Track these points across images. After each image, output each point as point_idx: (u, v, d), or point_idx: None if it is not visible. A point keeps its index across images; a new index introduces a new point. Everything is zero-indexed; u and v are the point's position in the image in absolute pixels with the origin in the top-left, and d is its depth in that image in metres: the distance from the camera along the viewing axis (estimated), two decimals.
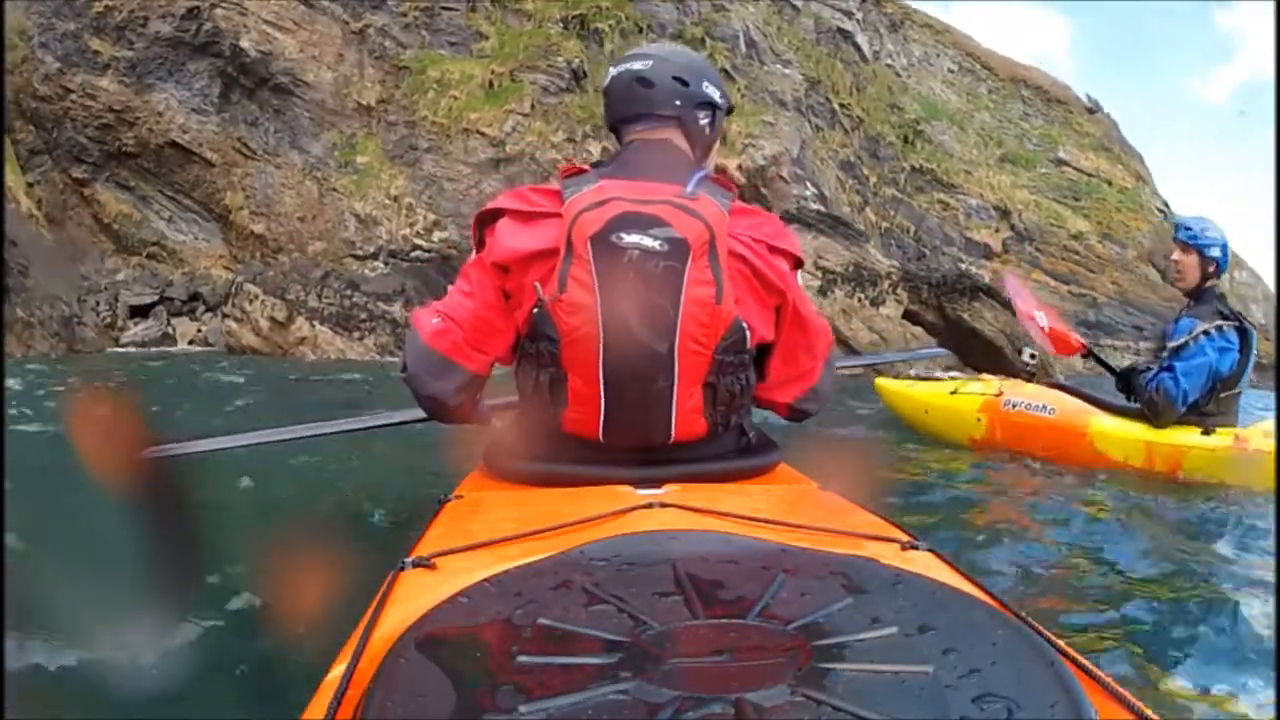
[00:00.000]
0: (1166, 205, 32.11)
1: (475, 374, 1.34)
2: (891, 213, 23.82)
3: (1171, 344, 3.65)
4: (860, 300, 20.04)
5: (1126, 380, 3.94)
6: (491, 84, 20.67)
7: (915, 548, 0.91)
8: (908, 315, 20.33)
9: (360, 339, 17.71)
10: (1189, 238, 3.70)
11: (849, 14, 27.10)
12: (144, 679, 1.37)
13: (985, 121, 30.08)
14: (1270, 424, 3.57)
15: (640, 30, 22.04)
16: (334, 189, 19.69)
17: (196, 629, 1.58)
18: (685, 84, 1.37)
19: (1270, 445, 3.44)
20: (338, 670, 0.64)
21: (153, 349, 16.96)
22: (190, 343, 17.99)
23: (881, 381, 5.86)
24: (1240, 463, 3.52)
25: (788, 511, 1.01)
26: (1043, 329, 4.40)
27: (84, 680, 1.36)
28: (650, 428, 1.24)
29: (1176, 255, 3.81)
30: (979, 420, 4.68)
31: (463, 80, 20.70)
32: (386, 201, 19.71)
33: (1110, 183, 29.94)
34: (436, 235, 19.49)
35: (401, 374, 1.37)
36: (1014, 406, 4.48)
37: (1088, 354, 4.45)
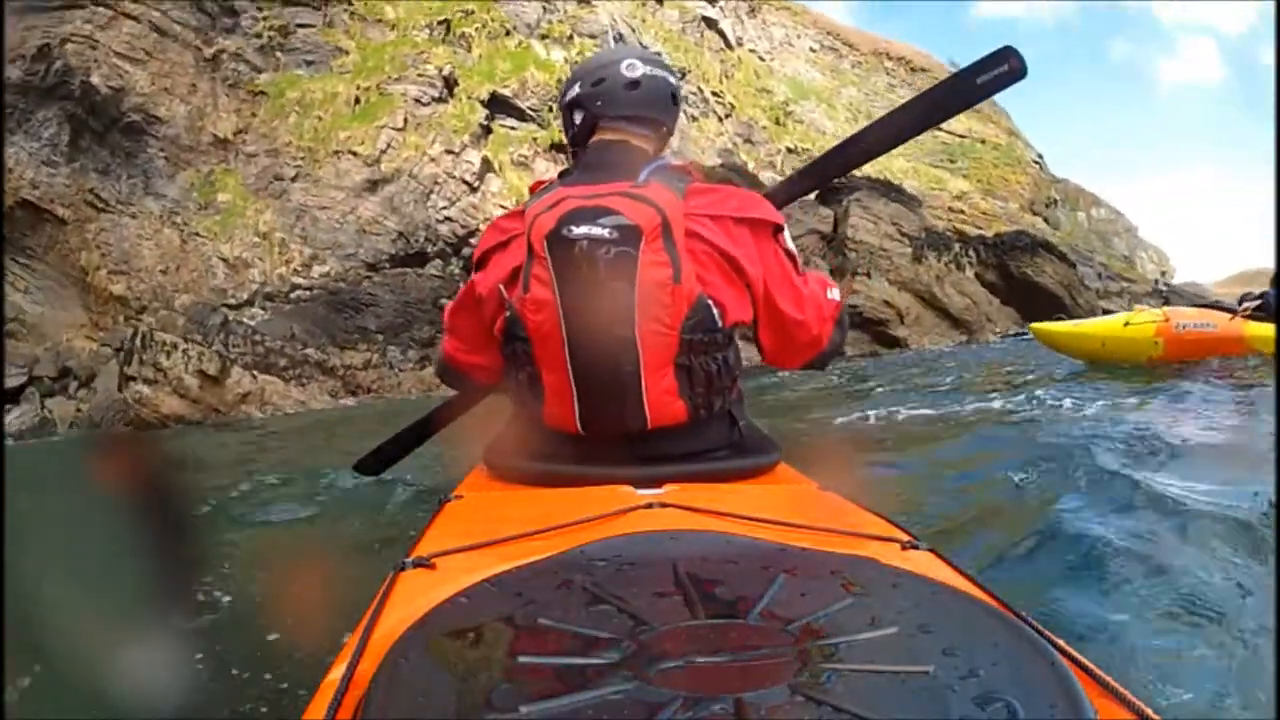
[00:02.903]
0: (1041, 157, 32.75)
1: (487, 383, 1.48)
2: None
3: None
4: (947, 265, 19.97)
5: None
6: (358, 100, 19.26)
7: (915, 548, 0.91)
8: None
9: (303, 385, 14.99)
10: None
11: (711, 0, 26.89)
12: (145, 679, 1.37)
13: (853, 96, 30.94)
14: None
15: (507, 33, 21.12)
16: (196, 233, 17.75)
17: (197, 630, 1.59)
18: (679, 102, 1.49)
19: None
20: (338, 670, 0.64)
21: (32, 440, 13.57)
22: (71, 426, 14.32)
23: (1041, 326, 6.96)
24: None
25: (788, 511, 1.01)
26: None
27: (85, 681, 1.36)
28: (624, 414, 1.24)
29: None
30: (1157, 343, 6.03)
31: (326, 99, 19.17)
32: (256, 240, 17.89)
33: (984, 141, 30.84)
34: (316, 270, 17.75)
35: (435, 370, 1.55)
36: (1183, 328, 5.92)
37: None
